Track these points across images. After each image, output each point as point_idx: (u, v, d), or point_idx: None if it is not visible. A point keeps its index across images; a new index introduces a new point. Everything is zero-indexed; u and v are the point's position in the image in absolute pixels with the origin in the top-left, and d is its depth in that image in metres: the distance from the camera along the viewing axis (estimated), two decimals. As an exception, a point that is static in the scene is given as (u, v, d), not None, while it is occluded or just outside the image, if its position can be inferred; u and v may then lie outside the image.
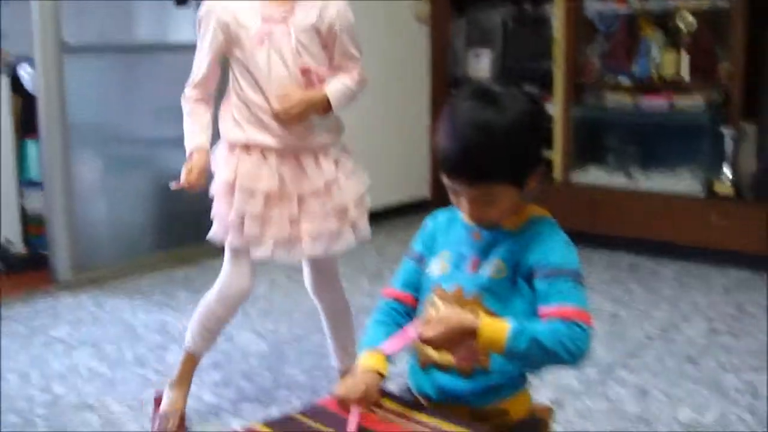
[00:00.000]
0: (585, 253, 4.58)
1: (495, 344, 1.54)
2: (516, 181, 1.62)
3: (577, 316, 1.55)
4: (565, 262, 1.61)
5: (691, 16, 4.75)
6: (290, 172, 2.54)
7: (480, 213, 1.64)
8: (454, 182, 1.62)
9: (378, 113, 5.33)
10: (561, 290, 1.58)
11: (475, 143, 1.57)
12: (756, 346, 3.36)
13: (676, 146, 4.90)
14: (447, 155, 1.61)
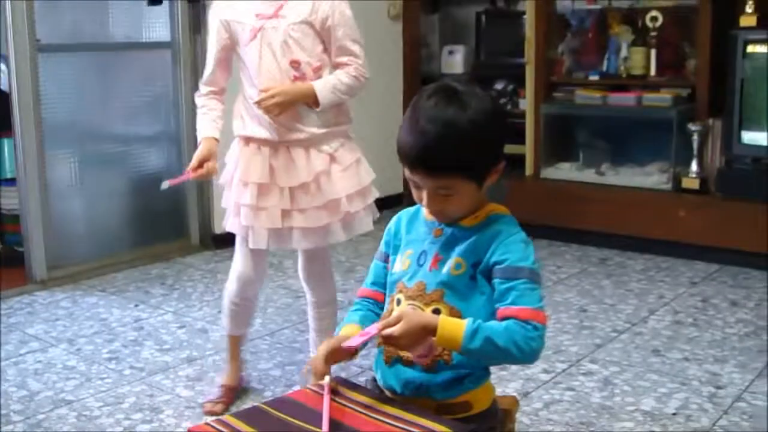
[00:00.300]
0: (555, 248, 4.73)
1: (451, 342, 1.60)
2: (474, 176, 1.67)
3: (531, 316, 1.61)
4: (523, 262, 1.67)
5: (659, 14, 4.83)
6: (281, 164, 2.62)
7: (439, 207, 1.69)
8: (415, 174, 1.67)
9: (352, 110, 5.37)
10: (517, 291, 1.63)
11: (435, 136, 1.62)
12: (719, 336, 3.44)
13: (645, 142, 4.98)
14: (408, 148, 1.67)
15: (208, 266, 4.57)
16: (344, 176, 2.65)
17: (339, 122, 2.69)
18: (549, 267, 4.46)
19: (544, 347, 1.60)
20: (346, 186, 2.65)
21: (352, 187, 2.66)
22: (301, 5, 2.59)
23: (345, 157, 2.67)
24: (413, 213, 1.85)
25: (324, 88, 2.58)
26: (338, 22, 2.60)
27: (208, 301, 3.97)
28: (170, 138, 4.83)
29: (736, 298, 3.92)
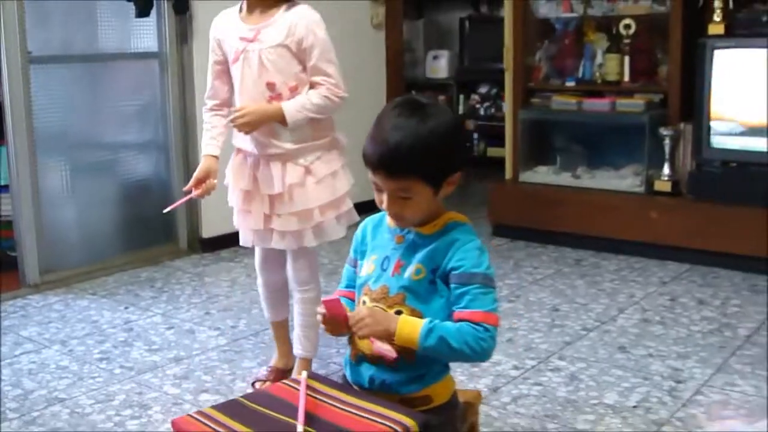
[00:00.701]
0: (533, 249, 4.89)
1: (409, 340, 1.77)
2: (430, 181, 1.83)
3: (483, 319, 1.76)
4: (477, 268, 1.82)
5: (633, 21, 4.99)
6: (262, 174, 2.85)
7: (398, 209, 1.85)
8: (377, 177, 1.83)
9: (337, 117, 5.52)
10: (471, 295, 1.79)
11: (396, 142, 1.79)
12: (684, 334, 3.60)
13: (619, 146, 5.15)
14: (371, 153, 1.83)
15: (196, 269, 4.71)
16: (317, 188, 2.85)
17: (316, 137, 2.87)
18: (525, 268, 4.62)
19: (495, 347, 1.75)
20: (319, 197, 2.85)
21: (325, 198, 2.86)
22: (278, 30, 2.77)
23: (320, 170, 2.86)
24: (378, 220, 2.01)
25: (292, 108, 2.76)
26: (312, 43, 2.77)
27: (195, 303, 4.12)
28: (159, 146, 4.98)
29: (703, 297, 4.08)
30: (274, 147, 2.82)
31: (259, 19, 2.80)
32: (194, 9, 4.83)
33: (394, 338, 1.78)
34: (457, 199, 6.86)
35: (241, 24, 2.82)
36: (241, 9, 2.86)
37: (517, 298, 4.11)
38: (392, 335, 1.77)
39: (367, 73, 5.92)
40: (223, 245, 5.06)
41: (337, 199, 2.91)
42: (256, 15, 2.81)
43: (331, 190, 2.88)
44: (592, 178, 5.12)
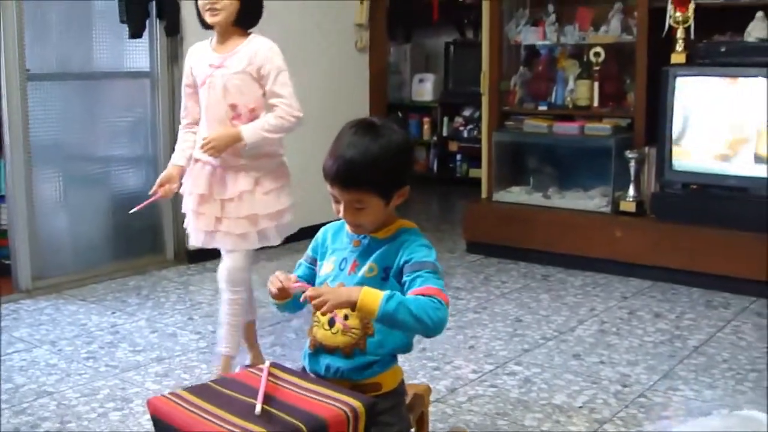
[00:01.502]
0: (504, 265, 5.15)
1: (370, 308, 1.93)
2: (381, 193, 2.06)
3: (435, 293, 1.98)
4: (426, 258, 2.06)
5: (602, 50, 5.25)
6: (217, 181, 3.17)
7: (354, 217, 2.08)
8: (334, 188, 2.07)
9: (320, 139, 5.77)
10: (423, 277, 2.01)
11: (350, 158, 2.02)
12: (636, 344, 3.84)
13: (588, 168, 5.40)
14: (329, 167, 2.07)
15: (181, 279, 4.95)
16: (265, 198, 3.19)
17: (268, 155, 3.22)
18: (494, 282, 4.86)
19: (447, 322, 1.95)
20: (265, 206, 3.19)
21: (270, 208, 3.20)
22: (241, 58, 3.12)
23: (268, 183, 3.20)
24: (338, 227, 2.25)
25: (250, 130, 3.09)
26: (269, 71, 3.13)
27: (179, 310, 4.35)
28: (148, 160, 5.22)
29: (660, 311, 4.32)
30: (231, 160, 3.14)
31: (226, 49, 3.15)
32: (184, 31, 5.08)
33: (355, 308, 1.97)
34: (438, 216, 7.17)
35: (211, 53, 3.18)
36: (212, 41, 3.22)
37: (483, 310, 4.34)
38: (354, 304, 1.95)
39: (351, 94, 6.17)
40: (208, 257, 5.26)
41: (279, 211, 3.24)
42: (223, 46, 3.16)
43: (275, 201, 3.22)
44: (562, 198, 5.36)
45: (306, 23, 5.78)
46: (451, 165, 8.43)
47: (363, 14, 6.13)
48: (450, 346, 3.79)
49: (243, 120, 3.12)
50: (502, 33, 5.60)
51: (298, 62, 5.70)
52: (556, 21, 5.51)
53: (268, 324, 4.09)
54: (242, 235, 3.18)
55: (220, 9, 3.08)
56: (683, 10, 4.81)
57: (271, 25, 5.49)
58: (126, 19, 4.80)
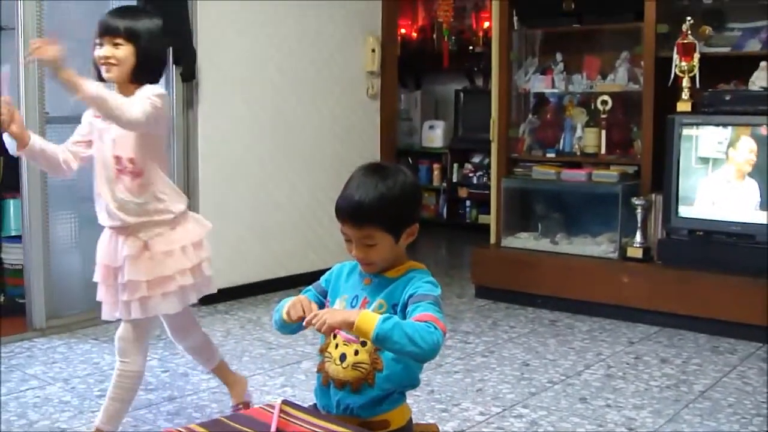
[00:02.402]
0: (512, 310, 5.20)
1: (366, 329, 1.98)
2: (390, 230, 2.14)
3: (432, 319, 2.04)
4: (430, 292, 2.13)
5: (609, 98, 5.34)
6: (112, 248, 3.02)
7: (364, 254, 2.16)
8: (345, 227, 2.16)
9: (331, 184, 5.87)
10: (422, 306, 2.08)
11: (359, 194, 2.12)
12: (642, 388, 3.88)
13: (596, 214, 5.46)
14: (340, 207, 2.16)
15: (193, 320, 5.00)
16: (150, 263, 2.97)
17: (158, 214, 3.01)
18: (502, 327, 4.91)
19: (440, 347, 1.99)
20: (149, 272, 2.97)
21: (155, 274, 2.97)
22: None
23: (157, 247, 2.99)
24: (352, 267, 2.32)
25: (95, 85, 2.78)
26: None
27: (190, 350, 4.40)
28: (162, 202, 5.30)
29: (666, 356, 4.36)
30: (118, 219, 2.97)
31: None
32: (200, 77, 5.19)
33: (352, 328, 2.02)
34: (448, 261, 7.23)
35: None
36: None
37: (491, 354, 4.39)
38: (351, 324, 2.01)
39: (362, 140, 6.27)
40: (220, 299, 5.34)
41: (165, 278, 2.99)
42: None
43: (161, 267, 2.98)
44: (570, 244, 5.42)
45: (319, 70, 5.90)
46: (461, 211, 8.51)
47: (374, 62, 6.25)
48: (458, 389, 3.84)
49: (126, 172, 2.94)
50: (511, 81, 5.71)
51: (310, 109, 5.86)
52: (564, 69, 5.61)
53: (278, 366, 4.14)
54: (125, 304, 2.98)
55: (115, 64, 2.88)
56: (688, 59, 4.90)
57: (284, 72, 5.66)
58: (143, 65, 4.90)
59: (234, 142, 5.42)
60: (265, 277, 5.65)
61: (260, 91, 5.56)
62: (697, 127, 4.85)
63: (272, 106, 5.64)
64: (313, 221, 5.85)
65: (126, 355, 3.06)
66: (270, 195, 5.66)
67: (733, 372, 4.12)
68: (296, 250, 5.83)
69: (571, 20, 5.49)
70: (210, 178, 5.30)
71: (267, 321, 4.95)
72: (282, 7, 5.63)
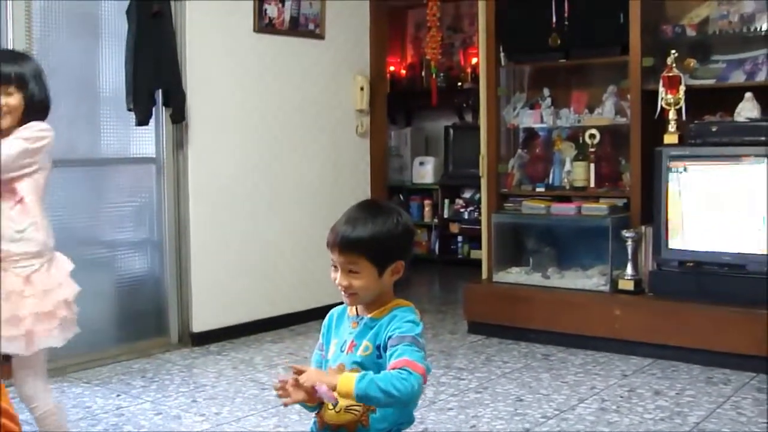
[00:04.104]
0: (505, 345, 5.19)
1: (347, 390, 2.03)
2: (374, 261, 2.17)
3: (408, 364, 2.06)
4: (409, 332, 2.14)
5: (597, 132, 5.38)
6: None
7: (347, 281, 2.18)
8: (333, 253, 2.19)
9: (322, 222, 5.88)
10: (400, 350, 2.10)
11: (348, 225, 2.17)
12: (637, 421, 3.87)
13: (586, 248, 5.48)
14: (330, 235, 2.21)
15: (185, 362, 4.99)
16: (30, 299, 2.91)
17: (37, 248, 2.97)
18: (496, 362, 4.90)
19: (421, 392, 2.03)
20: (31, 306, 2.90)
21: (38, 309, 2.92)
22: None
23: (39, 282, 2.94)
24: (341, 311, 2.35)
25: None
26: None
27: (183, 392, 4.38)
28: (153, 244, 5.31)
29: (660, 388, 4.36)
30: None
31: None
32: (190, 118, 5.21)
33: (335, 390, 2.06)
34: (440, 297, 7.22)
35: None
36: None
37: (484, 390, 4.38)
38: (334, 388, 2.05)
39: (353, 178, 6.29)
40: (213, 340, 5.35)
41: (49, 312, 2.95)
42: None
43: (44, 302, 2.93)
44: (561, 277, 5.43)
45: (308, 109, 5.93)
46: (453, 246, 8.53)
47: (363, 100, 6.29)
48: (452, 426, 3.82)
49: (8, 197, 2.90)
50: (500, 117, 5.75)
51: (300, 148, 5.89)
52: (551, 104, 5.65)
53: (271, 406, 4.12)
54: (9, 339, 2.85)
55: (8, 112, 2.89)
56: (674, 92, 4.94)
57: (274, 111, 5.69)
58: (133, 107, 4.93)
59: (224, 181, 5.44)
60: (258, 317, 5.64)
61: (250, 131, 5.59)
62: (685, 158, 4.88)
63: (262, 146, 5.66)
64: (306, 259, 5.85)
65: (32, 400, 3.01)
66: (261, 234, 5.66)
67: (727, 403, 4.12)
68: (289, 289, 5.82)
69: (558, 55, 5.54)
70: (200, 218, 5.31)
71: (260, 361, 4.94)
72: (271, 47, 5.67)
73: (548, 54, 5.57)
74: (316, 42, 5.97)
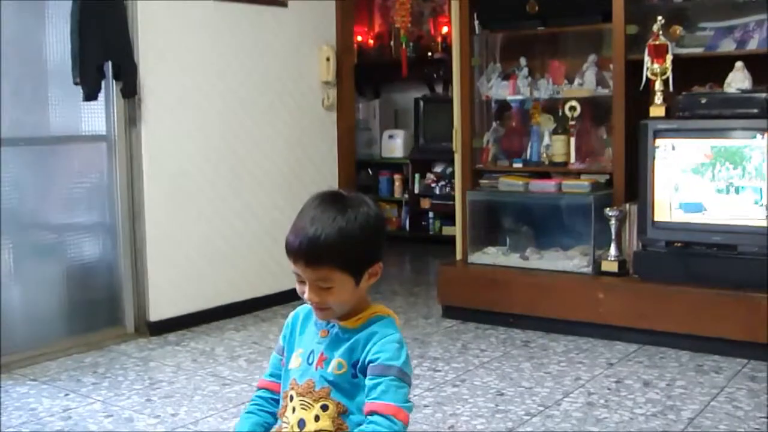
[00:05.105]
0: (482, 331, 4.89)
1: None
2: (350, 271, 1.83)
3: (393, 412, 1.76)
4: (393, 361, 1.82)
5: (578, 104, 5.07)
6: None
7: (319, 298, 1.84)
8: (297, 266, 1.84)
9: (287, 201, 5.56)
10: (384, 386, 1.79)
11: (314, 231, 1.81)
12: (627, 417, 3.59)
13: (567, 227, 5.19)
14: (291, 244, 1.84)
15: (141, 354, 4.65)
16: None
17: None
18: (473, 350, 4.60)
19: None
20: None
21: None
22: None
23: None
24: (308, 312, 2.01)
25: None
26: None
27: (137, 390, 4.05)
28: (106, 227, 4.96)
29: (648, 379, 4.08)
30: None
31: None
32: (143, 93, 4.85)
33: None
34: (413, 277, 6.93)
35: None
36: None
37: (462, 383, 4.08)
38: None
39: (319, 153, 5.96)
40: (171, 329, 5.02)
41: None
42: None
43: None
44: (541, 258, 5.14)
45: (270, 82, 5.58)
46: (424, 223, 8.23)
47: (329, 72, 5.94)
48: (429, 426, 3.52)
49: None
50: (474, 88, 5.42)
51: (263, 123, 5.54)
52: (528, 75, 5.33)
53: (233, 405, 3.80)
54: None
55: None
56: (660, 61, 4.65)
57: (234, 85, 5.33)
58: (79, 81, 4.55)
59: (181, 160, 5.08)
60: (219, 304, 5.31)
61: (208, 106, 5.22)
62: (672, 132, 4.59)
63: (222, 122, 5.30)
64: (269, 242, 5.51)
65: None
66: (222, 215, 5.32)
67: (721, 394, 3.85)
68: (252, 274, 5.49)
69: (535, 23, 5.22)
70: (156, 200, 4.95)
71: (221, 352, 4.61)
72: (229, 17, 5.30)
73: (525, 21, 5.24)
74: (278, 10, 5.60)
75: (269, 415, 2.03)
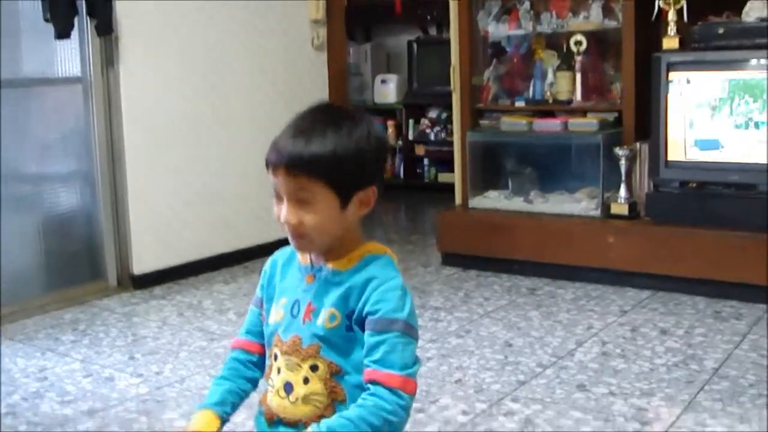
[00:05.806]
0: (484, 278, 4.62)
1: None
2: (335, 186, 1.54)
3: (395, 383, 1.49)
4: (397, 313, 1.53)
5: (584, 38, 4.77)
6: None
7: (295, 216, 1.55)
8: (276, 175, 1.56)
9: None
10: (388, 345, 1.50)
11: (299, 136, 1.54)
12: (647, 368, 3.33)
13: (573, 168, 4.92)
14: (271, 148, 1.57)
15: (124, 309, 4.37)
16: None
17: None
18: (476, 299, 4.34)
19: (406, 417, 1.49)
20: None
21: None
22: None
23: None
24: (288, 256, 1.71)
25: None
26: None
27: (119, 347, 3.78)
28: (84, 176, 4.66)
29: (665, 326, 3.83)
30: None
31: None
32: (120, 31, 4.52)
33: None
34: (408, 226, 6.67)
35: None
36: None
37: (467, 333, 3.82)
38: None
39: (309, 97, 5.61)
40: (156, 282, 4.74)
41: None
42: None
43: None
44: (546, 202, 4.87)
45: (257, 20, 5.25)
46: (419, 170, 7.94)
47: (319, 9, 5.61)
48: (434, 381, 3.26)
49: None
50: (472, 23, 5.10)
51: (248, 63, 5.22)
52: (530, 8, 5.01)
53: (221, 361, 3.51)
54: None
55: None
56: (674, -11, 4.34)
57: (218, 22, 5.00)
58: (50, 17, 4.23)
59: (162, 102, 4.76)
60: (207, 255, 5.03)
61: (190, 45, 4.89)
62: (687, 65, 4.29)
63: (205, 61, 4.98)
64: (258, 188, 5.19)
65: None
66: (207, 161, 5.01)
67: (744, 342, 3.60)
68: (238, 223, 5.20)
69: (538, -49, 4.89)
70: (136, 145, 4.65)
71: (209, 305, 4.34)
72: (211, -51, 4.96)
73: (526, -50, 4.92)
74: (263, -58, 5.26)
75: (245, 381, 1.73)
